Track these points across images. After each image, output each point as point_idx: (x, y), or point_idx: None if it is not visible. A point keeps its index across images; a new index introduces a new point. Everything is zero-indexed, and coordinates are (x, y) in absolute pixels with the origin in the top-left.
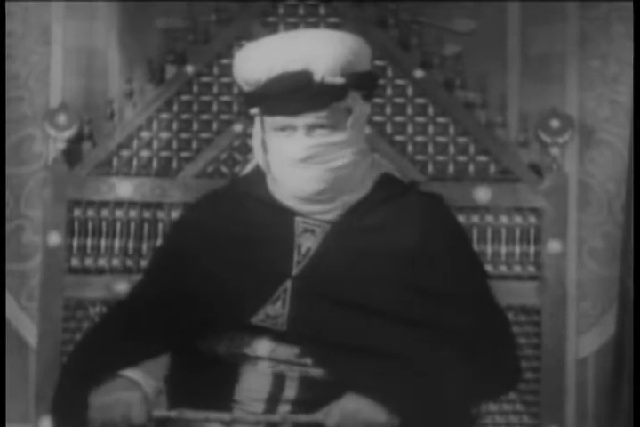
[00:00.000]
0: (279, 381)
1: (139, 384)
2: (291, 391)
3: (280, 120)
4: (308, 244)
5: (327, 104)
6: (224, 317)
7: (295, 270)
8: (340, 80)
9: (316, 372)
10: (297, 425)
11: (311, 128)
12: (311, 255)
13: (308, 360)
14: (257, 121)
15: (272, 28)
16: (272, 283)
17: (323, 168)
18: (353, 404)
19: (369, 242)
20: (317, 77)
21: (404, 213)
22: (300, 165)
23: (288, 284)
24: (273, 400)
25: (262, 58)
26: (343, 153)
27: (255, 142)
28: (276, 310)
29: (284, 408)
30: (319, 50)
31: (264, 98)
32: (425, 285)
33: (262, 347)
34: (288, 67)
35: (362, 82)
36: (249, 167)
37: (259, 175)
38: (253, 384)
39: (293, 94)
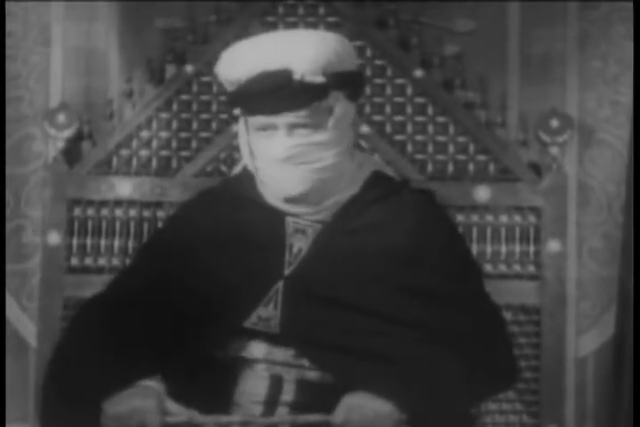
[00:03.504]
0: (276, 383)
1: (152, 389)
2: (288, 394)
3: (261, 120)
4: (299, 244)
5: (307, 103)
6: (217, 318)
7: (287, 271)
8: (320, 79)
9: (313, 374)
10: (305, 425)
11: (292, 128)
12: (302, 256)
13: (305, 362)
14: (241, 122)
15: (271, 28)
16: (264, 284)
17: (305, 169)
18: (358, 398)
19: (361, 242)
20: (297, 76)
21: (396, 212)
22: (282, 166)
23: (280, 284)
24: (270, 403)
25: (243, 57)
26: (325, 154)
27: (241, 144)
28: (269, 311)
29: (281, 411)
30: (299, 49)
31: (245, 97)
32: (418, 284)
33: (258, 349)
34: (268, 66)
35: (344, 82)
36: (238, 168)
37: (248, 176)
38: (251, 387)
39: (273, 93)
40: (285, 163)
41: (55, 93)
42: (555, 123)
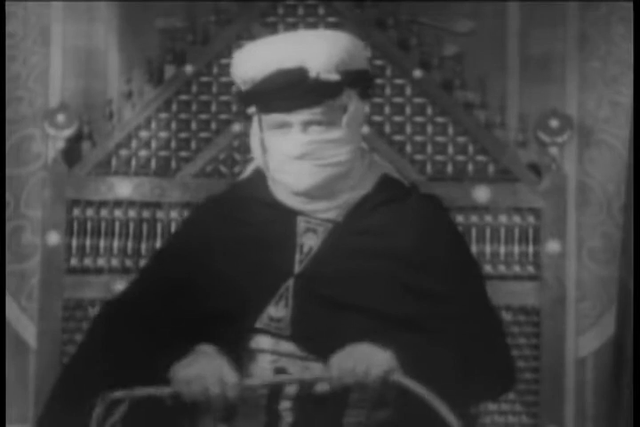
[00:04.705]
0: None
1: (214, 353)
2: (292, 388)
3: (276, 117)
4: (310, 243)
5: (322, 101)
6: (228, 318)
7: (297, 269)
8: (334, 77)
9: (318, 367)
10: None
11: (306, 125)
12: (313, 254)
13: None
14: (255, 120)
15: (271, 29)
16: (275, 281)
17: (317, 164)
18: (350, 347)
19: (369, 243)
20: (312, 74)
21: (404, 216)
22: (296, 162)
23: (290, 282)
24: (274, 395)
25: (257, 56)
26: (339, 151)
27: (254, 142)
28: (279, 310)
29: (284, 404)
30: (313, 47)
31: (260, 96)
32: (421, 286)
33: (264, 341)
34: (282, 64)
35: (357, 80)
36: (249, 169)
37: (259, 176)
38: (255, 380)
39: (288, 91)
40: (300, 159)
41: (55, 94)
42: (554, 123)
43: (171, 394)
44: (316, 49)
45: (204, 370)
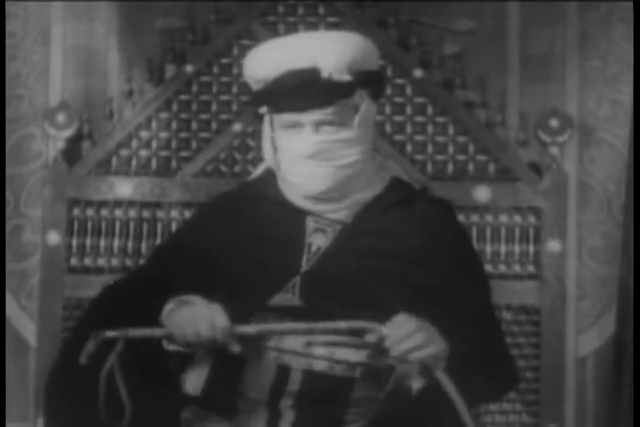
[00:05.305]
0: (283, 373)
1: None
2: (294, 384)
3: (287, 117)
4: (318, 243)
5: (334, 101)
6: (234, 304)
7: (304, 268)
8: (347, 77)
9: (321, 364)
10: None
11: (318, 125)
12: (320, 254)
13: (313, 351)
14: (266, 120)
15: (271, 28)
16: (282, 278)
17: (330, 165)
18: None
19: (376, 244)
20: (325, 74)
21: (414, 219)
22: (308, 162)
23: (297, 280)
24: (276, 392)
25: (270, 56)
26: (351, 151)
27: (265, 142)
28: (287, 297)
29: (286, 402)
30: (326, 47)
31: (272, 95)
32: (425, 287)
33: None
34: (295, 64)
35: (369, 80)
36: (260, 169)
37: (270, 176)
38: (257, 376)
39: (300, 91)
40: (311, 159)
41: (55, 93)
42: (554, 122)
43: (163, 335)
44: (329, 49)
45: (196, 313)
